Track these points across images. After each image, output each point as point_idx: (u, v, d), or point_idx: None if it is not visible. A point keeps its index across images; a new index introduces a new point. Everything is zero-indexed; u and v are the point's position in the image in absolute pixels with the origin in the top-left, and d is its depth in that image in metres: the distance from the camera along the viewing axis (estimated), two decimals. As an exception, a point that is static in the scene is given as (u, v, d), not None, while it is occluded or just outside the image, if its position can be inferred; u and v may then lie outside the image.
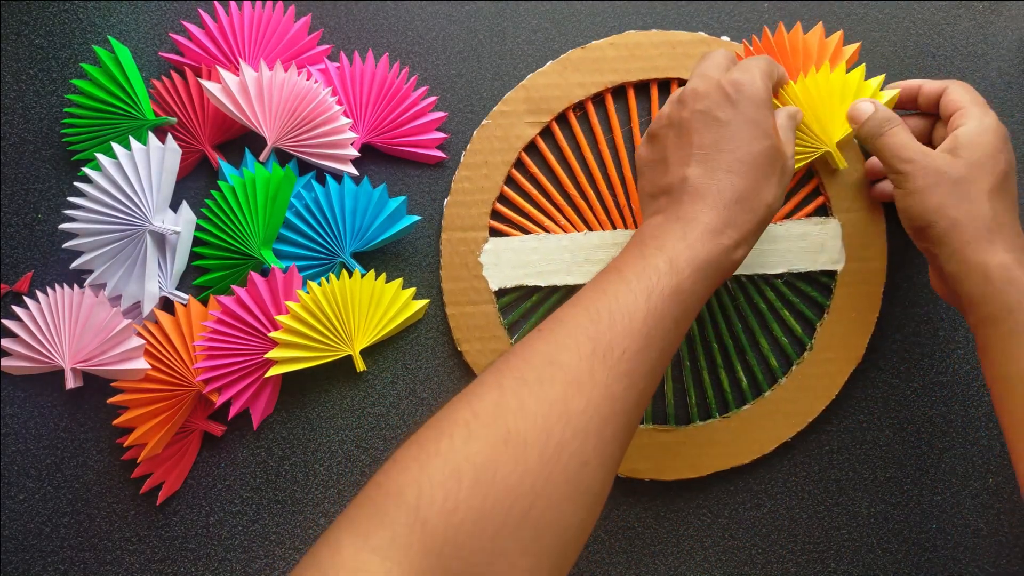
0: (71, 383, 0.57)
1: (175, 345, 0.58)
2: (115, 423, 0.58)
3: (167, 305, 0.60)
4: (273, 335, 0.57)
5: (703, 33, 0.62)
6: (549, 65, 0.61)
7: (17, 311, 0.59)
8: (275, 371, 0.57)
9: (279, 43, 0.61)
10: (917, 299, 0.61)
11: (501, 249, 0.60)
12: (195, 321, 0.58)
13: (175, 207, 0.60)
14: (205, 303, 0.60)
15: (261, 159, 0.59)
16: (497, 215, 0.61)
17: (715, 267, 0.44)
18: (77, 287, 0.58)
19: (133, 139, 0.58)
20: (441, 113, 0.62)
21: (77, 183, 0.58)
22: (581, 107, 0.62)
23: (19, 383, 0.61)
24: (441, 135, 0.62)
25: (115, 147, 0.57)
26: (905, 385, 0.61)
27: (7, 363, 0.59)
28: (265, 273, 0.59)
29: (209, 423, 0.60)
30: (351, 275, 0.59)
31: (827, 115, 0.56)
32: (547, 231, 0.61)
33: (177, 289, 0.60)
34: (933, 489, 0.60)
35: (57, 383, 0.60)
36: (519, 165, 0.62)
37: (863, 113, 0.53)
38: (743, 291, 0.61)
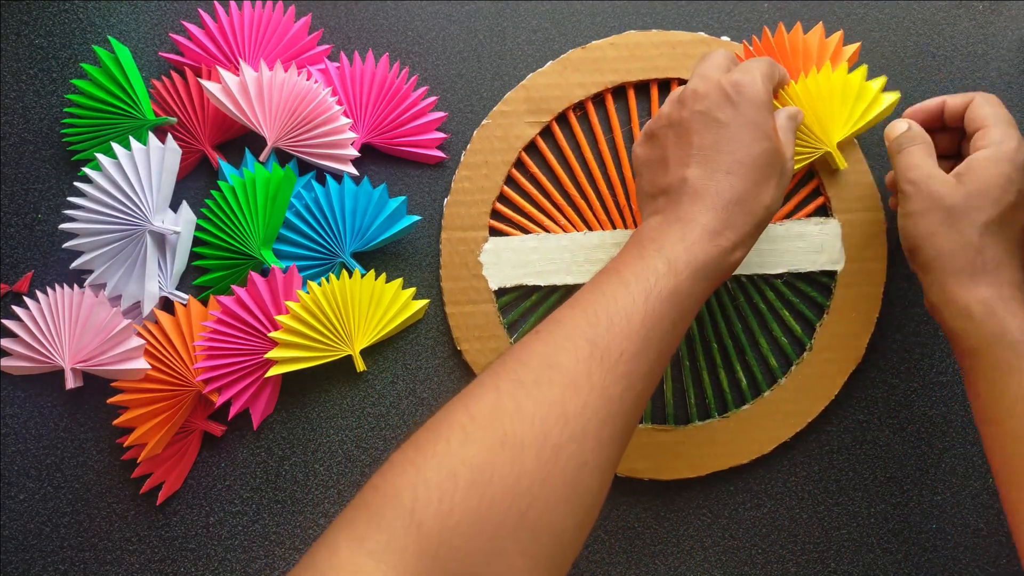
0: (71, 383, 0.57)
1: (175, 345, 0.58)
2: (115, 423, 0.58)
3: (167, 305, 0.60)
4: (273, 335, 0.57)
5: (703, 33, 0.62)
6: (549, 65, 0.61)
7: (17, 311, 0.59)
8: (275, 371, 0.57)
9: (279, 43, 0.61)
10: (917, 299, 0.61)
11: (501, 249, 0.60)
12: (195, 321, 0.58)
13: (175, 207, 0.60)
14: (205, 303, 0.60)
15: (261, 159, 0.59)
16: (497, 215, 0.61)
17: (713, 268, 0.44)
18: (77, 287, 0.58)
19: (133, 139, 0.58)
20: (441, 113, 0.62)
21: (77, 183, 0.58)
22: (581, 107, 0.62)
23: (19, 383, 0.61)
24: (441, 135, 0.62)
25: (115, 147, 0.57)
26: (905, 385, 0.60)
27: (7, 363, 0.59)
28: (265, 273, 0.59)
29: (209, 423, 0.60)
30: (351, 275, 0.59)
31: (827, 116, 0.56)
32: (547, 231, 0.61)
33: (177, 289, 0.60)
34: (933, 489, 0.60)
35: (57, 383, 0.60)
36: (519, 165, 0.62)
37: (893, 130, 0.53)
38: (743, 291, 0.61)
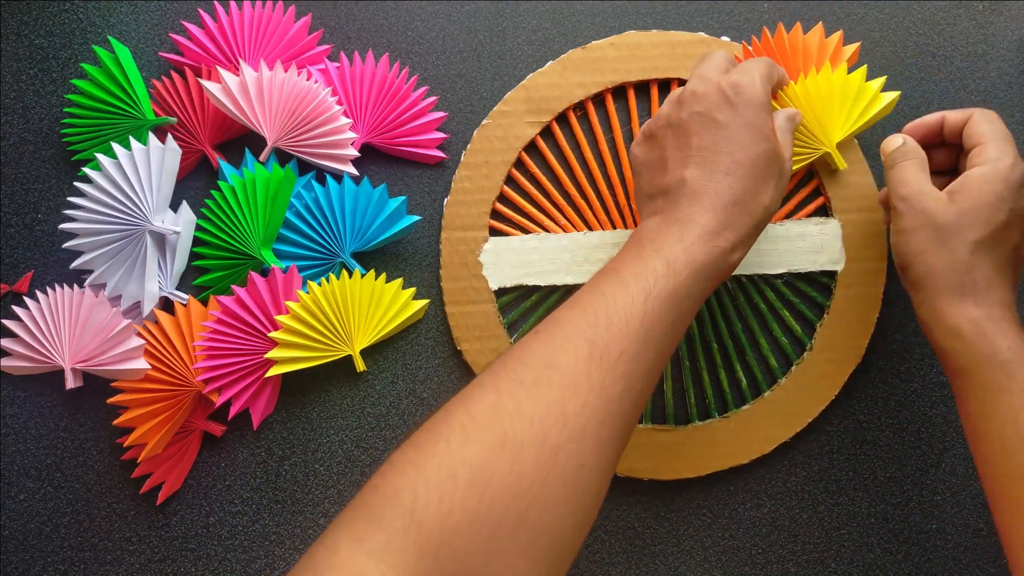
0: (71, 383, 0.57)
1: (175, 345, 0.58)
2: (115, 423, 0.58)
3: (167, 305, 0.60)
4: (273, 335, 0.57)
5: (703, 33, 0.62)
6: (549, 65, 0.61)
7: (17, 311, 0.59)
8: (275, 371, 0.57)
9: (279, 43, 0.61)
10: (917, 299, 0.61)
11: (501, 248, 0.60)
12: (195, 321, 0.58)
13: (175, 207, 0.60)
14: (205, 303, 0.60)
15: (261, 159, 0.59)
16: (497, 215, 0.61)
17: (712, 269, 0.44)
18: (77, 287, 0.58)
19: (133, 139, 0.58)
20: (441, 113, 0.62)
21: (77, 183, 0.58)
22: (581, 107, 0.62)
23: (19, 383, 0.61)
24: (441, 135, 0.62)
25: (115, 147, 0.57)
26: (905, 385, 0.60)
27: (7, 363, 0.59)
28: (265, 273, 0.59)
29: (209, 423, 0.60)
30: (351, 275, 0.59)
31: (827, 116, 0.56)
32: (547, 231, 0.61)
33: (177, 289, 0.60)
34: (933, 489, 0.60)
35: (57, 383, 0.60)
36: (519, 165, 0.62)
37: (888, 145, 0.53)
38: (743, 291, 0.61)
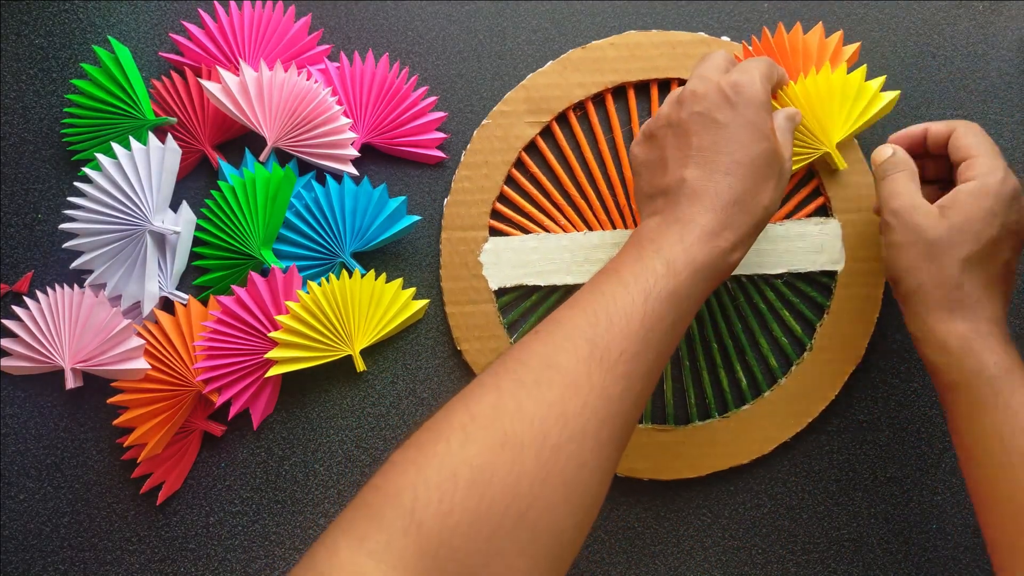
0: (71, 383, 0.57)
1: (175, 345, 0.58)
2: (115, 423, 0.58)
3: (167, 305, 0.60)
4: (273, 335, 0.57)
5: (703, 33, 0.61)
6: (549, 65, 0.61)
7: (17, 311, 0.59)
8: (275, 371, 0.57)
9: (279, 43, 0.61)
10: (917, 299, 0.61)
11: (501, 248, 0.60)
12: (195, 321, 0.58)
13: (175, 207, 0.60)
14: (205, 303, 0.60)
15: (261, 159, 0.59)
16: (497, 215, 0.61)
17: (712, 269, 0.44)
18: (77, 287, 0.58)
19: (133, 139, 0.58)
20: (441, 113, 0.62)
21: (77, 183, 0.58)
22: (581, 107, 0.62)
23: (19, 383, 0.61)
24: (441, 135, 0.62)
25: (115, 147, 0.57)
26: (905, 385, 0.60)
27: (7, 363, 0.59)
28: (265, 273, 0.59)
29: (209, 423, 0.60)
30: (351, 275, 0.59)
31: (827, 116, 0.55)
32: (547, 231, 0.61)
33: (177, 289, 0.60)
34: (933, 489, 0.60)
35: (57, 383, 0.60)
36: (519, 165, 0.62)
37: (879, 155, 0.53)
38: (743, 291, 0.61)
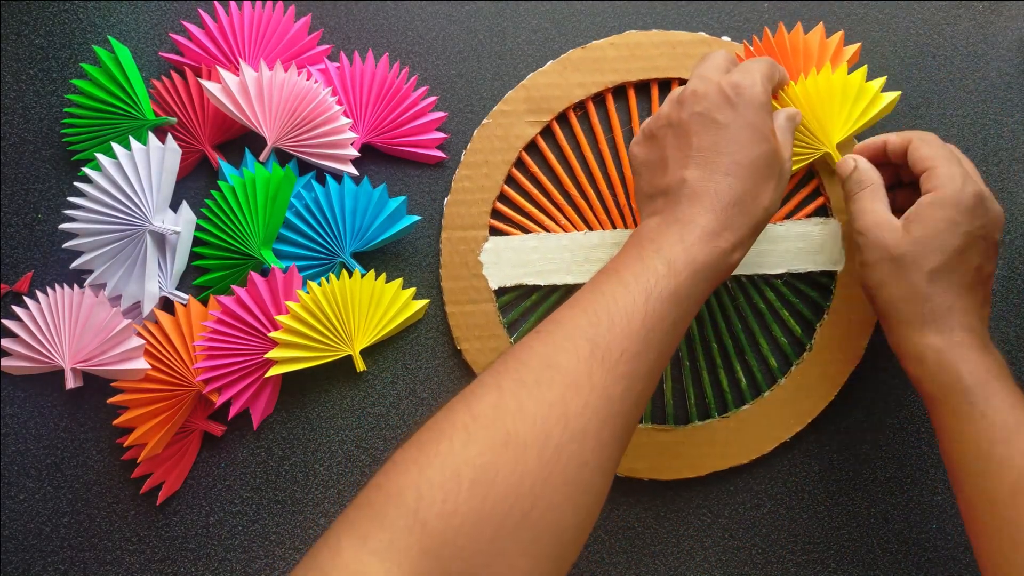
0: (71, 383, 0.57)
1: (175, 345, 0.58)
2: (115, 423, 0.58)
3: (167, 305, 0.60)
4: (273, 335, 0.57)
5: (703, 33, 0.62)
6: (549, 65, 0.61)
7: (17, 311, 0.59)
8: (275, 371, 0.57)
9: (279, 43, 0.61)
10: (917, 299, 0.61)
11: (501, 248, 0.60)
12: (195, 321, 0.58)
13: (175, 207, 0.60)
14: (205, 303, 0.60)
15: (261, 159, 0.59)
16: (497, 214, 0.61)
17: (712, 269, 0.44)
18: (77, 287, 0.58)
19: (133, 139, 0.58)
20: (441, 113, 0.62)
21: (77, 183, 0.58)
22: (581, 107, 0.62)
23: (19, 383, 0.61)
24: (441, 135, 0.62)
25: (115, 147, 0.57)
26: (905, 385, 0.60)
27: (7, 363, 0.59)
28: (265, 273, 0.59)
29: (209, 423, 0.60)
30: (351, 275, 0.59)
31: (827, 116, 0.55)
32: (547, 230, 0.61)
33: (177, 289, 0.60)
34: (933, 489, 0.60)
35: (57, 383, 0.60)
36: (519, 164, 0.62)
37: (842, 170, 0.52)
38: (743, 291, 0.61)
